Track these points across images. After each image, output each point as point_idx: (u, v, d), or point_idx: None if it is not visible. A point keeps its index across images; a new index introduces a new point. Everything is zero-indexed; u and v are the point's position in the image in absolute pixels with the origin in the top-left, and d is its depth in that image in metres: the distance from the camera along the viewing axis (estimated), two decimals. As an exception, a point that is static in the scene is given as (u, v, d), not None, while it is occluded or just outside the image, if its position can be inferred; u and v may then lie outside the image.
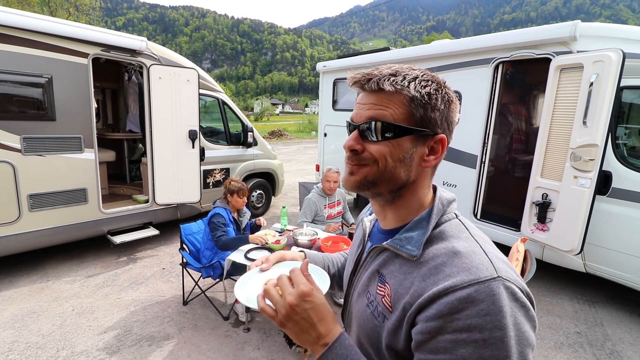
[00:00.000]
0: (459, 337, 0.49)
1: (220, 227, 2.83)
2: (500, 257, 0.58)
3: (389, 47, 5.47)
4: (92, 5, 19.44)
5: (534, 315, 0.53)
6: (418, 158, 0.67)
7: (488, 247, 0.59)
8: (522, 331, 0.50)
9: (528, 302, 0.53)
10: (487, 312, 0.49)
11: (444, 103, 0.66)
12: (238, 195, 3.01)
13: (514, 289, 0.52)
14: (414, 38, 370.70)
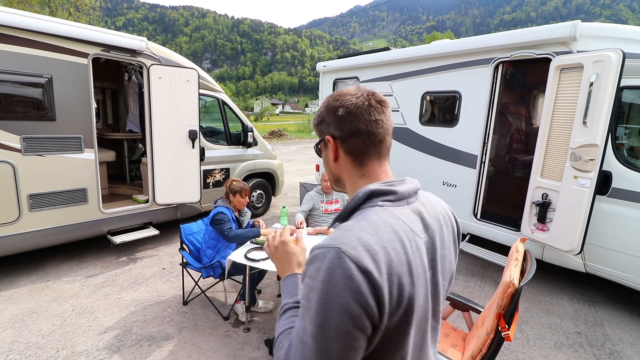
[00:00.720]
0: (305, 280, 0.67)
1: (227, 222, 2.84)
2: (364, 239, 0.65)
3: (389, 47, 5.47)
4: (92, 5, 19.45)
5: (353, 285, 0.60)
6: (329, 158, 0.86)
7: (365, 230, 0.67)
8: (333, 290, 0.60)
9: (355, 273, 0.60)
10: (319, 267, 0.63)
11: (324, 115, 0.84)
12: (240, 195, 3.01)
13: (344, 259, 0.61)
14: (414, 38, 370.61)
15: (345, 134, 0.80)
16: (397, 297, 0.65)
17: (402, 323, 0.68)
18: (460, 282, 3.82)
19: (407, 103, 4.80)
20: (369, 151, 0.81)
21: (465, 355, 1.75)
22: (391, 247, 0.67)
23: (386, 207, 0.74)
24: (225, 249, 3.00)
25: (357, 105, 0.79)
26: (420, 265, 0.72)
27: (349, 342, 0.61)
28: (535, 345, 2.78)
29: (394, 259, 0.66)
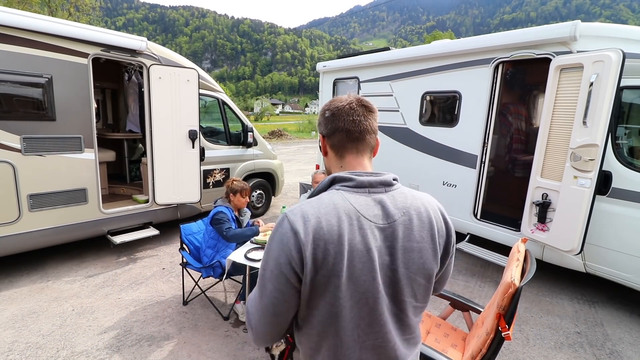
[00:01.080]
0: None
1: (226, 221, 2.85)
2: (304, 210, 0.83)
3: (389, 47, 5.47)
4: (92, 5, 19.44)
5: (284, 240, 0.81)
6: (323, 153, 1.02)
7: (311, 204, 0.85)
8: (273, 244, 0.83)
9: (288, 232, 0.81)
10: (274, 227, 0.85)
11: (319, 117, 1.00)
12: (241, 194, 3.03)
13: (285, 222, 0.82)
14: (414, 38, 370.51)
15: (329, 131, 0.95)
16: (322, 259, 0.79)
17: (329, 285, 0.81)
18: (460, 282, 3.82)
19: (407, 103, 4.80)
20: (347, 146, 0.94)
21: (465, 355, 1.75)
22: (325, 219, 0.81)
23: (340, 191, 0.87)
24: (225, 249, 3.00)
25: (339, 108, 0.93)
26: (362, 243, 0.82)
27: (278, 284, 0.82)
28: (535, 345, 2.78)
29: (323, 228, 0.80)
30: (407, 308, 0.89)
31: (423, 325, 2.10)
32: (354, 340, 0.85)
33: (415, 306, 0.91)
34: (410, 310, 0.90)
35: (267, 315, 0.86)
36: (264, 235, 2.94)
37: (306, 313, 0.86)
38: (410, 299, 0.89)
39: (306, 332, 0.89)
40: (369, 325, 0.85)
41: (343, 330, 0.84)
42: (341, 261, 0.80)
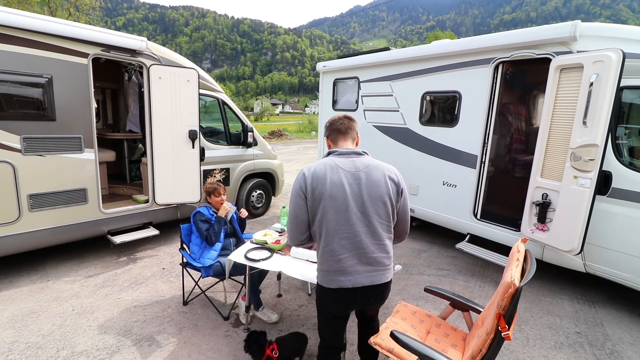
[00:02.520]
0: None
1: (202, 221, 3.03)
2: (310, 165, 1.68)
3: (389, 47, 5.47)
4: (92, 5, 19.44)
5: (298, 178, 1.69)
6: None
7: (314, 163, 1.70)
8: (295, 182, 1.71)
9: (300, 175, 1.69)
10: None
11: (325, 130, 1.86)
12: (214, 195, 3.15)
13: (301, 173, 1.69)
14: (414, 38, 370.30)
15: (329, 132, 1.83)
16: (314, 187, 1.62)
17: (319, 201, 1.62)
18: (460, 282, 3.82)
19: (407, 103, 4.80)
20: (339, 137, 1.81)
21: (465, 355, 1.75)
22: (319, 168, 1.65)
23: (331, 156, 1.73)
24: (209, 249, 3.04)
25: (334, 120, 1.84)
26: (338, 179, 1.62)
27: (296, 199, 1.69)
28: (535, 345, 2.78)
29: (317, 172, 1.64)
30: (374, 220, 1.63)
31: (423, 325, 2.11)
32: (335, 230, 1.61)
33: (380, 222, 1.65)
34: (376, 223, 1.64)
35: (292, 218, 1.69)
36: (263, 235, 2.94)
37: (311, 218, 1.66)
38: (375, 215, 1.63)
39: (313, 230, 1.68)
40: (343, 223, 1.61)
41: (328, 225, 1.62)
42: (324, 187, 1.61)
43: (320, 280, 1.72)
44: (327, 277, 1.67)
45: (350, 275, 1.63)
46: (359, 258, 1.63)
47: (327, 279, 1.67)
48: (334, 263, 1.63)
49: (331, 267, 1.64)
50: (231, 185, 5.43)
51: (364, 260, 1.63)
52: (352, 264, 1.62)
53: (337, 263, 1.62)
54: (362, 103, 5.50)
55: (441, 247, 4.78)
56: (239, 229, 3.29)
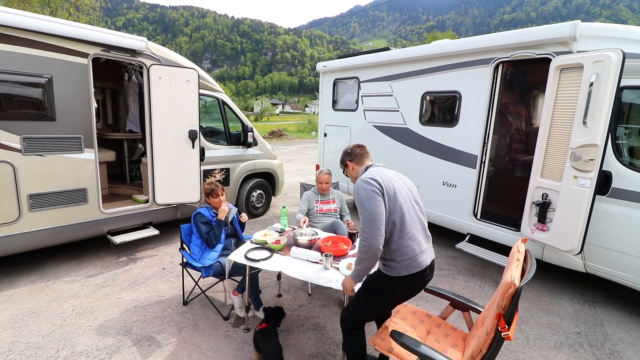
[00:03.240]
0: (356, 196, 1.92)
1: (204, 225, 3.03)
2: (369, 175, 1.92)
3: (389, 47, 5.47)
4: (92, 5, 19.43)
5: (368, 183, 1.85)
6: (351, 170, 2.24)
7: (373, 171, 1.98)
8: (366, 188, 1.84)
9: (371, 181, 1.85)
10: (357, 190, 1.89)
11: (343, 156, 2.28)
12: (212, 196, 3.14)
13: (365, 180, 1.87)
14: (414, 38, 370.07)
15: (353, 157, 2.20)
16: (387, 187, 1.84)
17: (394, 196, 1.85)
18: (460, 282, 3.82)
19: (407, 103, 4.80)
20: (364, 158, 2.19)
21: (465, 355, 1.75)
22: (381, 172, 1.94)
23: (373, 167, 2.05)
24: (210, 250, 3.04)
25: (351, 148, 2.24)
26: (394, 178, 1.95)
27: (376, 199, 1.80)
28: (535, 345, 2.78)
29: (382, 175, 1.90)
30: (419, 207, 1.99)
31: (423, 325, 2.11)
32: (410, 218, 1.89)
33: (421, 208, 2.01)
34: (422, 217, 2.00)
35: (374, 218, 1.76)
36: (263, 235, 2.94)
37: (388, 214, 1.82)
38: (419, 203, 2.00)
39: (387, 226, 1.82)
40: (412, 211, 1.92)
41: (404, 215, 1.85)
42: (394, 184, 1.88)
43: (397, 271, 1.86)
44: (411, 264, 1.86)
45: (425, 253, 1.92)
46: (425, 238, 1.98)
47: (409, 266, 1.86)
48: (416, 245, 1.87)
49: (414, 251, 1.86)
50: (231, 186, 5.43)
51: (427, 239, 1.99)
52: (423, 243, 1.93)
53: (417, 245, 1.88)
54: (362, 103, 5.50)
55: (441, 247, 4.78)
56: (239, 229, 3.29)
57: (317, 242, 2.85)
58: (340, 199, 3.87)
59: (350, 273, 1.96)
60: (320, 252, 2.60)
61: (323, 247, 2.68)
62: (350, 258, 2.60)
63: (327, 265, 2.39)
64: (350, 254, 2.69)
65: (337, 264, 2.43)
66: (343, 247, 2.68)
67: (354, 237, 2.93)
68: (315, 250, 2.64)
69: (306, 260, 2.54)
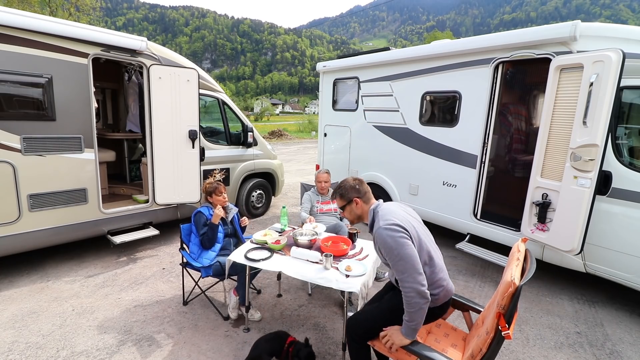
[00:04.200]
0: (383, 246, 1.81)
1: (202, 226, 3.02)
2: (388, 220, 1.81)
3: (389, 47, 5.47)
4: (93, 5, 19.44)
5: (396, 233, 1.74)
6: (355, 208, 2.06)
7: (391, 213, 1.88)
8: (394, 234, 1.74)
9: (395, 227, 1.76)
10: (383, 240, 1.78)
11: (348, 191, 2.06)
12: (215, 194, 3.13)
13: (388, 228, 1.76)
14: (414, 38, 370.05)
15: (361, 195, 2.04)
16: (409, 228, 1.79)
17: (417, 235, 1.82)
18: (460, 282, 3.82)
19: (407, 103, 4.80)
20: (370, 197, 2.06)
21: (465, 355, 1.75)
22: (399, 213, 1.87)
23: (383, 206, 1.97)
24: (207, 250, 3.04)
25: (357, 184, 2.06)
26: (408, 216, 1.93)
27: (408, 243, 1.72)
28: (535, 345, 2.78)
29: (401, 217, 1.83)
30: (436, 246, 2.00)
31: (423, 325, 2.10)
32: (434, 252, 1.90)
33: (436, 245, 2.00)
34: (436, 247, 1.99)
35: (412, 262, 1.69)
36: (263, 235, 2.94)
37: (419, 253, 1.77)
38: (433, 240, 2.00)
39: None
40: (434, 245, 1.95)
41: (429, 249, 1.85)
42: (413, 224, 1.86)
43: (434, 303, 1.85)
44: (446, 293, 1.88)
45: (449, 279, 1.97)
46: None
47: (444, 296, 1.88)
48: (444, 275, 1.90)
49: (445, 280, 1.89)
50: (231, 185, 5.44)
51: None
52: (446, 269, 1.96)
53: (445, 273, 1.91)
54: (362, 103, 5.50)
55: (441, 247, 4.73)
56: (239, 229, 3.29)
57: (317, 242, 2.85)
58: None
59: (402, 329, 1.76)
60: (320, 252, 2.60)
61: (323, 247, 2.68)
62: (350, 259, 2.60)
63: (327, 265, 2.39)
64: (350, 253, 2.69)
65: (337, 264, 2.43)
66: (343, 247, 2.68)
67: (354, 237, 2.93)
68: (315, 250, 2.64)
69: (306, 260, 2.54)
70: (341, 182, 2.11)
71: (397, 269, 1.72)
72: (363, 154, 5.61)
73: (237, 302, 2.94)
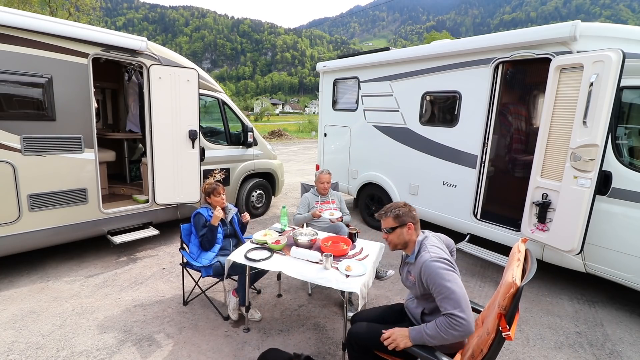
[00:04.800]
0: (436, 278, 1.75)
1: (201, 227, 3.01)
2: (437, 254, 1.82)
3: (389, 47, 5.47)
4: (93, 5, 19.44)
5: (448, 266, 1.76)
6: (405, 234, 1.94)
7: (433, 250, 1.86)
8: (444, 270, 1.73)
9: (445, 261, 1.78)
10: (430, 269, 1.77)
11: (405, 214, 1.94)
12: (214, 194, 3.13)
13: (437, 259, 1.77)
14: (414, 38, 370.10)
15: (415, 221, 1.96)
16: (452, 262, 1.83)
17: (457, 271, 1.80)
18: (460, 282, 3.82)
19: (407, 103, 4.80)
20: (419, 226, 1.99)
21: (465, 355, 1.75)
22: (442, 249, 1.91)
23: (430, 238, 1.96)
24: (206, 251, 3.04)
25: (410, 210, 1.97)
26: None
27: (457, 278, 1.72)
28: (535, 345, 2.78)
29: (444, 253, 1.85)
30: None
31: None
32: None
33: None
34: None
35: (464, 296, 1.66)
36: (263, 235, 2.94)
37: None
38: None
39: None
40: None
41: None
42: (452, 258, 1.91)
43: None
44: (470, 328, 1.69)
45: None
46: None
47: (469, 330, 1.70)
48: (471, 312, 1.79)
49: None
50: (231, 185, 5.43)
51: None
52: None
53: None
54: (362, 103, 5.50)
55: (441, 247, 4.78)
56: (239, 230, 3.29)
57: (317, 242, 2.85)
58: (339, 200, 3.89)
59: (413, 334, 1.74)
60: (320, 252, 2.60)
61: (323, 247, 2.68)
62: (350, 259, 2.60)
63: (327, 265, 2.39)
64: (350, 254, 2.69)
65: (337, 264, 2.43)
66: (343, 247, 2.68)
67: (354, 237, 2.93)
68: (315, 250, 2.64)
69: (306, 260, 2.54)
70: (392, 204, 2.02)
71: (447, 302, 1.65)
72: (363, 154, 5.62)
73: (237, 303, 2.94)
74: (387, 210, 1.99)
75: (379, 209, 4.69)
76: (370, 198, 5.61)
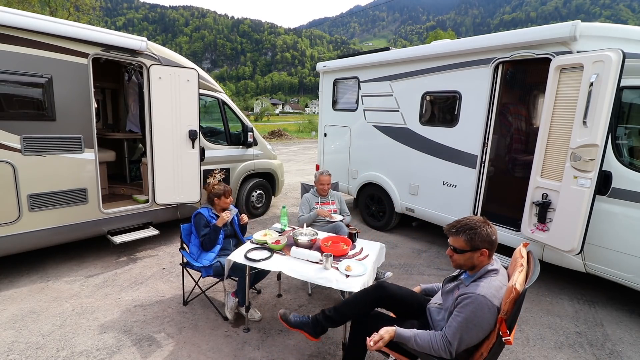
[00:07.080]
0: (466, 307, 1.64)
1: (202, 227, 3.00)
2: (494, 295, 1.61)
3: (389, 47, 5.47)
4: (92, 5, 19.43)
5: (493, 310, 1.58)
6: (475, 259, 1.71)
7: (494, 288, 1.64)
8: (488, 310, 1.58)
9: (495, 304, 1.59)
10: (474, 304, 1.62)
11: (482, 240, 1.68)
12: (225, 196, 3.13)
13: (492, 299, 1.59)
14: (414, 38, 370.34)
15: (492, 248, 1.71)
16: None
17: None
18: (460, 282, 3.81)
19: (407, 103, 4.80)
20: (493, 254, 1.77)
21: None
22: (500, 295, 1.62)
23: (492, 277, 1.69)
24: (206, 252, 3.04)
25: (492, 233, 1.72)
26: None
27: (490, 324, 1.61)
28: (535, 345, 2.78)
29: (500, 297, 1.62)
30: None
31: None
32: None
33: None
34: None
35: (473, 341, 1.64)
36: (263, 235, 2.94)
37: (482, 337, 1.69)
38: None
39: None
40: None
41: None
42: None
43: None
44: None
45: None
46: None
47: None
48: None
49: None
50: (231, 186, 5.43)
51: None
52: None
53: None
54: (362, 103, 5.50)
55: (441, 247, 4.78)
56: (239, 230, 3.29)
57: (317, 242, 2.85)
58: (339, 200, 3.89)
59: (402, 332, 1.68)
60: (320, 252, 2.60)
61: (323, 247, 2.68)
62: (350, 259, 2.60)
63: (327, 266, 2.39)
64: (350, 254, 2.69)
65: (337, 264, 2.43)
66: (343, 247, 2.68)
67: (354, 237, 2.93)
68: (315, 250, 2.64)
69: (306, 260, 2.54)
70: (469, 219, 1.72)
71: (454, 331, 1.60)
72: (363, 154, 5.62)
73: (235, 304, 2.93)
74: (461, 226, 1.69)
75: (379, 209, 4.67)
76: (370, 198, 5.61)
